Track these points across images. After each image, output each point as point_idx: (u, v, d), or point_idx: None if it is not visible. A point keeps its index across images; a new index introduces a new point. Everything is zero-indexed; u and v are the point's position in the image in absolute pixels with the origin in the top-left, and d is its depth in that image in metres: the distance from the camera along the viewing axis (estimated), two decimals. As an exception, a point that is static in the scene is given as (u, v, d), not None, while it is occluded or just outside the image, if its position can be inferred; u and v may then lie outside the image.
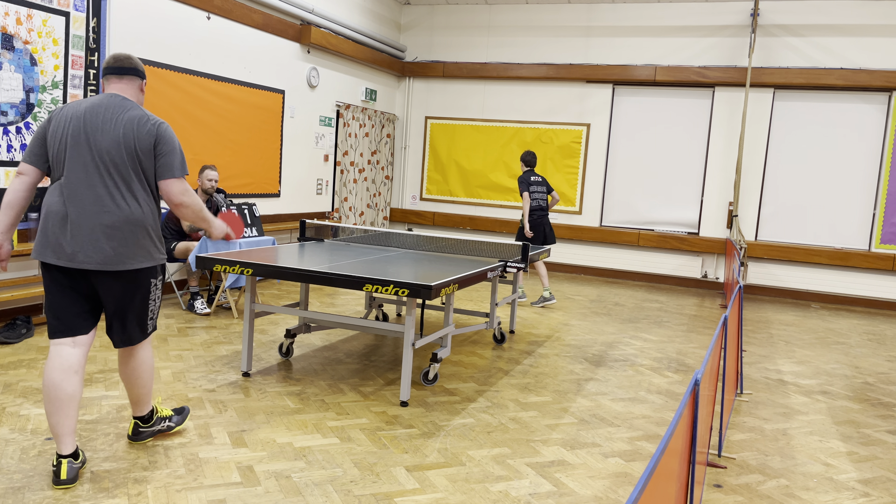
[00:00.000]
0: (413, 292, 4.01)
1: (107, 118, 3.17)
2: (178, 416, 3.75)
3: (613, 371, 5.53)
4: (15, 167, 5.50)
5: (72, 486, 3.08)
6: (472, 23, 11.07)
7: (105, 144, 3.14)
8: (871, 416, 4.86)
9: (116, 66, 3.29)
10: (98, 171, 3.13)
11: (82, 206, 3.12)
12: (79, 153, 3.14)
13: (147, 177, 3.24)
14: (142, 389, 3.44)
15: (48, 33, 5.63)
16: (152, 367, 3.47)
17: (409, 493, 3.23)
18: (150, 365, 3.44)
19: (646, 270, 10.47)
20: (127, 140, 3.16)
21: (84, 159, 3.13)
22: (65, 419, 3.09)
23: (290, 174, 9.01)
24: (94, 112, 3.18)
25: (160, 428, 3.64)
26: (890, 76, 9.13)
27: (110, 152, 3.14)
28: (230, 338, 5.74)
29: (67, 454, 3.10)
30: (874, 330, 8.07)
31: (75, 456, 3.14)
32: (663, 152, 10.36)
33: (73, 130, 3.15)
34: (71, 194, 3.12)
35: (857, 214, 9.59)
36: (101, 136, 3.14)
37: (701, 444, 2.79)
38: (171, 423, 3.69)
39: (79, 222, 3.11)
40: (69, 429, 3.10)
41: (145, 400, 3.49)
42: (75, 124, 3.16)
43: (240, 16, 7.69)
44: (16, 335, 5.18)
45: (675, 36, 10.09)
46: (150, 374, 3.46)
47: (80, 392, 3.15)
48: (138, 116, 3.21)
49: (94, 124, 3.15)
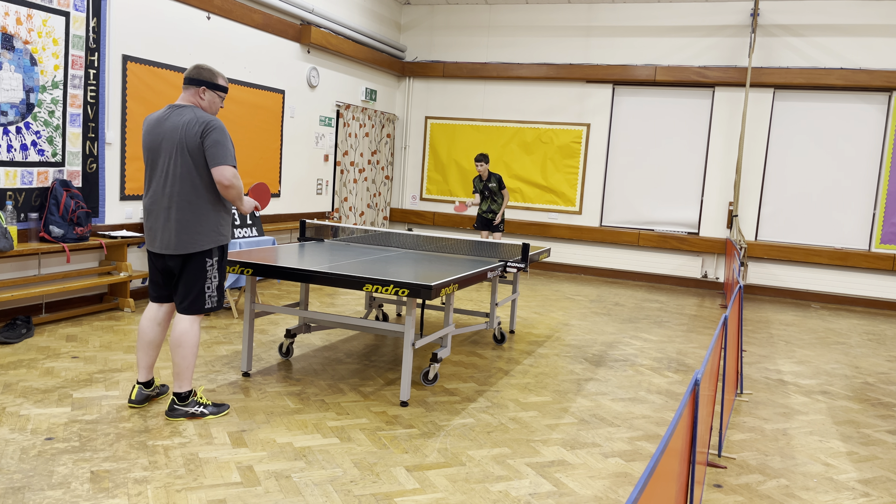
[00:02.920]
0: (413, 292, 4.01)
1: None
2: (215, 408, 4.01)
3: (613, 371, 5.53)
4: (15, 167, 5.50)
5: (139, 406, 4.01)
6: (472, 23, 11.07)
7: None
8: (871, 416, 4.86)
9: (184, 78, 3.90)
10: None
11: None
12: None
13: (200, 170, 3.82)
14: (182, 361, 3.89)
15: (48, 33, 5.63)
16: (195, 344, 3.90)
17: (409, 493, 3.23)
18: (194, 341, 3.90)
19: (646, 270, 10.47)
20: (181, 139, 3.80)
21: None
22: (143, 356, 4.00)
23: (290, 174, 9.01)
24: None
25: (193, 411, 3.93)
26: (890, 76, 9.13)
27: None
28: (230, 338, 5.74)
29: (141, 381, 4.03)
30: (874, 330, 8.07)
31: (147, 385, 4.03)
32: (663, 152, 10.36)
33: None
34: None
35: (857, 214, 9.59)
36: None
37: (701, 444, 2.79)
38: (204, 411, 3.96)
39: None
40: (145, 363, 4.01)
41: (184, 375, 3.90)
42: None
43: (240, 16, 7.69)
44: (16, 335, 5.18)
45: (675, 36, 10.09)
46: (193, 349, 3.90)
47: (161, 338, 4.04)
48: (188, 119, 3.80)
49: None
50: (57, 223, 5.70)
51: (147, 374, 4.02)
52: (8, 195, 5.47)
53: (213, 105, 3.90)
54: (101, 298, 6.47)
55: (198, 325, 3.91)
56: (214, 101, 3.90)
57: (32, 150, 5.62)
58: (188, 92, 3.86)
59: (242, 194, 3.87)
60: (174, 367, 3.91)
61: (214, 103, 3.90)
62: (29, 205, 5.65)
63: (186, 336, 3.87)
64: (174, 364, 3.90)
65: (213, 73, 3.87)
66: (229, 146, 3.75)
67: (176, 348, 3.88)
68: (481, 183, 9.15)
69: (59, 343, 5.23)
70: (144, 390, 4.02)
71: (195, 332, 3.90)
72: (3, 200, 5.43)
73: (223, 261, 3.99)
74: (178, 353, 3.88)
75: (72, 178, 5.99)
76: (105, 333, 5.57)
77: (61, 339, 5.35)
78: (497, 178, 9.07)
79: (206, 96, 3.86)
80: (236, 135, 7.86)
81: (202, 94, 3.85)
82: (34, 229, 5.70)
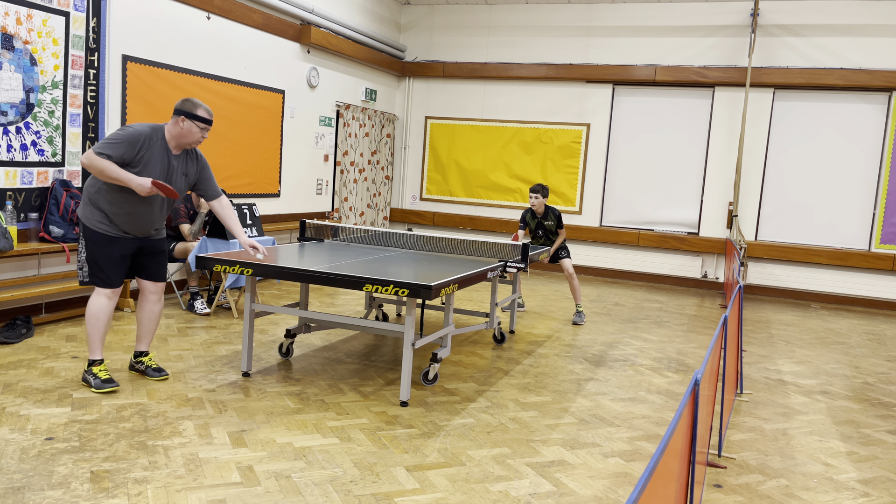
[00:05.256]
0: (413, 292, 4.01)
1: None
2: (101, 382, 4.27)
3: (613, 371, 5.53)
4: (15, 167, 5.50)
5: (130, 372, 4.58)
6: (472, 23, 11.07)
7: None
8: (871, 416, 4.86)
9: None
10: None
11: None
12: None
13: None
14: (86, 329, 4.37)
15: (48, 33, 5.63)
16: (91, 315, 4.30)
17: (409, 493, 3.23)
18: (90, 311, 4.30)
19: (646, 270, 10.47)
20: None
21: None
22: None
23: (290, 174, 9.01)
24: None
25: (87, 378, 4.32)
26: (890, 76, 9.13)
27: None
28: (230, 338, 5.74)
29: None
30: (874, 330, 8.07)
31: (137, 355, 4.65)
32: (663, 152, 10.36)
33: None
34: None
35: (857, 214, 9.59)
36: None
37: (701, 444, 2.79)
38: (91, 381, 4.28)
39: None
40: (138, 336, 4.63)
41: (88, 343, 4.36)
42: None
43: (240, 16, 7.69)
44: (16, 335, 5.18)
45: (675, 36, 10.09)
46: (88, 320, 4.31)
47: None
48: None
49: None
50: (57, 223, 5.70)
51: (139, 345, 4.66)
52: (8, 195, 5.47)
53: (188, 134, 4.29)
54: (101, 298, 6.46)
55: (95, 295, 4.33)
56: (192, 130, 4.28)
57: (32, 150, 5.62)
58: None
59: (106, 173, 4.09)
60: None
61: (191, 132, 4.29)
62: (29, 205, 5.65)
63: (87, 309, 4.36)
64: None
65: (194, 104, 4.28)
66: (113, 140, 4.11)
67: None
68: (534, 220, 7.43)
69: (59, 343, 5.23)
70: (133, 360, 4.66)
71: (93, 302, 4.32)
72: (3, 200, 5.43)
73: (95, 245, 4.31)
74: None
75: (72, 178, 5.98)
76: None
77: (61, 339, 5.35)
78: (556, 214, 7.37)
79: (178, 125, 4.27)
80: (236, 135, 7.86)
81: (177, 123, 4.27)
82: (34, 229, 5.70)
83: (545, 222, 7.37)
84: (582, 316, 7.32)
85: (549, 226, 7.35)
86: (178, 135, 4.26)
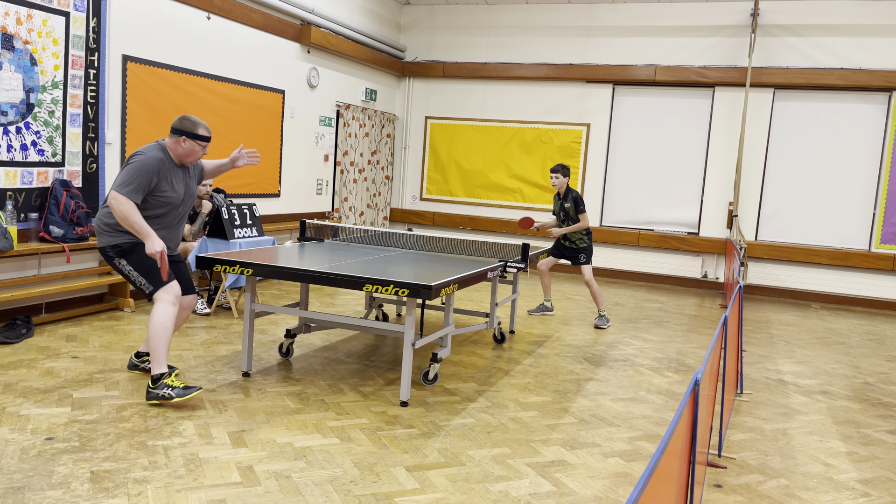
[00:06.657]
0: (413, 292, 4.01)
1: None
2: (182, 391, 4.06)
3: (613, 371, 5.53)
4: (15, 167, 5.50)
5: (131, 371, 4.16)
6: (472, 23, 11.07)
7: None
8: (871, 416, 4.86)
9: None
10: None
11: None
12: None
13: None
14: (150, 341, 4.12)
15: (48, 33, 5.63)
16: (160, 325, 4.08)
17: (409, 493, 3.23)
18: (158, 322, 4.10)
19: (646, 270, 10.47)
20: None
21: None
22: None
23: (290, 174, 9.01)
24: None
25: (162, 393, 4.06)
26: (890, 76, 9.13)
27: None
28: (230, 338, 5.74)
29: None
30: (874, 330, 8.07)
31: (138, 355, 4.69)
32: (663, 152, 10.36)
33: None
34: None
35: (857, 214, 9.59)
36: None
37: (701, 444, 2.79)
38: (171, 393, 4.05)
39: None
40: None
41: (154, 357, 4.09)
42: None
43: (240, 16, 7.69)
44: (16, 335, 5.18)
45: (675, 36, 10.09)
46: (156, 330, 4.09)
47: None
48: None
49: None
50: (57, 223, 5.70)
51: (145, 346, 4.64)
52: (8, 195, 5.47)
53: (191, 153, 4.29)
54: (101, 298, 6.47)
55: (160, 304, 4.18)
56: (194, 150, 4.29)
57: (32, 150, 5.62)
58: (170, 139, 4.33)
59: (129, 220, 4.04)
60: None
61: (193, 152, 4.29)
62: (29, 205, 5.65)
63: (151, 318, 4.19)
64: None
65: (194, 123, 4.27)
66: (132, 176, 4.06)
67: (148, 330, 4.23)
68: (558, 201, 7.25)
69: (59, 343, 5.24)
70: (134, 359, 4.66)
71: (158, 312, 4.17)
72: (3, 200, 5.43)
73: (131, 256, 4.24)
74: (148, 334, 4.20)
75: (72, 178, 5.99)
76: (105, 333, 5.57)
77: (61, 339, 5.35)
78: (574, 197, 7.07)
79: (179, 144, 4.27)
80: (236, 135, 7.86)
81: (178, 143, 4.27)
82: (34, 229, 5.70)
83: (565, 204, 7.13)
84: (604, 320, 7.15)
85: (568, 208, 7.12)
86: (182, 154, 4.29)
